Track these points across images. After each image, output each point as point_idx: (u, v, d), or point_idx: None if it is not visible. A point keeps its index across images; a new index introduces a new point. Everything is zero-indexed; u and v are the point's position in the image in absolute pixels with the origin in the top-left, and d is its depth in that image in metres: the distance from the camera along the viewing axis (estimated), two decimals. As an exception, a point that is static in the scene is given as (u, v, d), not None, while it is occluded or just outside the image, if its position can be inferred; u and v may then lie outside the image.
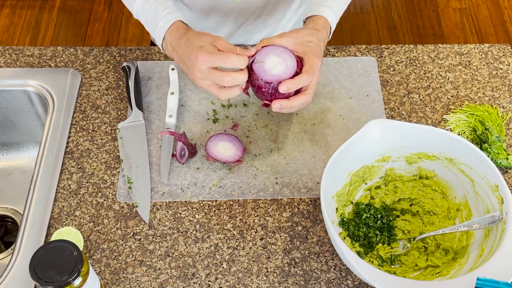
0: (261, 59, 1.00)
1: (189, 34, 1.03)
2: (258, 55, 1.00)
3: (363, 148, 1.02)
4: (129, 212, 1.07)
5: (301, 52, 1.01)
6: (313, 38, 1.03)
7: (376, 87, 1.24)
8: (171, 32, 1.05)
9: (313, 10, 1.10)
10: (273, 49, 1.01)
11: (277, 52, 1.00)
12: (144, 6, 1.09)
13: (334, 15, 1.10)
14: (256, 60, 1.00)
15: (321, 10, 1.09)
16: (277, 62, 1.00)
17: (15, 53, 1.29)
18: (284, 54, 1.00)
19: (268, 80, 0.99)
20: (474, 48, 1.31)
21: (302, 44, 1.01)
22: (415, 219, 1.05)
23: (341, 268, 1.01)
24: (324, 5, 1.09)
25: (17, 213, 1.33)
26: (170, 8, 1.08)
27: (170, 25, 1.05)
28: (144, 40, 2.63)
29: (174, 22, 1.06)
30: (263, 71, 0.99)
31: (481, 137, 1.13)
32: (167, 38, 1.06)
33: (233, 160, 1.11)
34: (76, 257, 0.84)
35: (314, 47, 1.02)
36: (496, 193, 0.95)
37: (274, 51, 1.00)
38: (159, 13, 1.07)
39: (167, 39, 1.06)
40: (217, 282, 0.99)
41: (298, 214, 1.07)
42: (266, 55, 1.00)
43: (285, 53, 1.00)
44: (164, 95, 1.22)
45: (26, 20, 2.68)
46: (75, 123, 1.18)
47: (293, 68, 0.99)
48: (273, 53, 1.00)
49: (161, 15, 1.06)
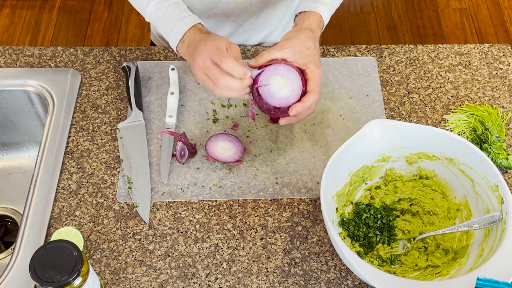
0: (266, 81, 0.99)
1: (210, 35, 1.06)
2: (262, 76, 1.00)
3: (363, 148, 1.02)
4: (129, 212, 1.07)
5: (302, 64, 1.02)
6: (311, 43, 1.04)
7: (376, 87, 1.24)
8: (191, 32, 1.07)
9: (308, 6, 1.10)
10: (276, 68, 1.00)
11: (280, 71, 1.00)
12: (160, 9, 1.11)
13: (328, 12, 1.11)
14: (261, 83, 0.99)
15: (316, 7, 1.10)
16: (282, 83, 1.00)
17: (15, 53, 1.29)
18: (288, 72, 1.00)
19: (276, 105, 1.00)
20: (474, 48, 1.31)
21: (301, 53, 1.02)
22: (415, 219, 1.05)
23: (341, 268, 1.01)
24: (318, 2, 1.10)
25: (17, 213, 1.33)
26: (186, 11, 1.11)
27: (191, 27, 1.08)
28: (144, 40, 2.63)
29: (195, 24, 1.09)
30: (270, 96, 1.00)
31: (481, 137, 1.13)
32: (185, 39, 1.08)
33: (233, 160, 1.11)
34: (76, 257, 0.84)
35: (313, 55, 1.03)
36: (496, 193, 0.95)
37: (277, 70, 1.00)
38: (176, 15, 1.09)
39: (185, 40, 1.08)
40: (217, 282, 0.99)
41: (298, 214, 1.07)
42: (270, 76, 1.00)
43: (289, 71, 1.00)
44: (164, 95, 1.22)
45: (26, 20, 2.68)
46: (75, 123, 1.18)
47: (299, 88, 1.00)
48: (277, 73, 1.00)
49: (179, 17, 1.09)
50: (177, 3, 1.12)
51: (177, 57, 1.29)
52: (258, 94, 1.00)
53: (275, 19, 1.34)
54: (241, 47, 1.31)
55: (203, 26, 1.10)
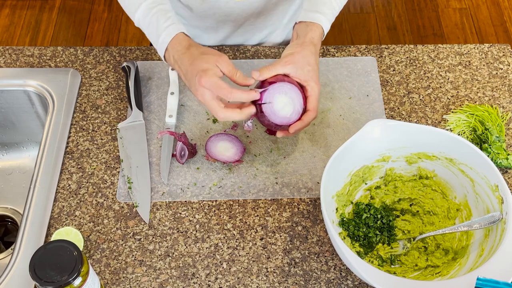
0: (270, 99, 1.01)
1: (192, 50, 1.04)
2: (267, 94, 1.01)
3: (363, 148, 1.02)
4: (129, 212, 1.07)
5: (303, 80, 1.04)
6: (313, 59, 1.05)
7: (376, 87, 1.24)
8: (173, 45, 1.06)
9: (309, 16, 1.10)
10: (281, 86, 1.02)
11: (284, 90, 1.02)
12: (146, 17, 1.09)
13: (328, 23, 1.12)
14: (265, 100, 1.01)
15: (318, 18, 1.10)
16: (285, 102, 1.02)
17: (15, 53, 1.29)
18: (291, 91, 1.02)
19: (278, 123, 1.03)
20: (474, 48, 1.31)
21: (303, 69, 1.04)
22: (415, 219, 1.05)
23: (341, 268, 1.01)
24: (319, 12, 1.10)
25: (17, 213, 1.33)
26: (171, 19, 1.08)
27: (172, 38, 1.06)
28: (144, 40, 2.62)
29: (176, 35, 1.06)
30: (273, 113, 1.02)
31: (481, 137, 1.13)
32: (170, 50, 1.06)
33: (233, 160, 1.11)
34: (76, 257, 0.84)
35: (314, 70, 1.05)
36: (496, 193, 0.95)
37: (281, 89, 1.02)
38: (161, 24, 1.07)
39: (170, 51, 1.06)
40: (217, 282, 0.99)
41: (298, 214, 1.07)
42: (274, 94, 1.01)
43: (292, 90, 1.02)
44: (164, 95, 1.22)
45: (26, 20, 2.68)
46: (75, 123, 1.18)
47: (301, 107, 1.03)
48: (281, 92, 1.02)
49: (162, 26, 1.07)
50: (162, 10, 1.09)
51: (177, 57, 1.29)
52: (261, 110, 1.02)
53: (275, 19, 1.34)
54: (241, 47, 1.31)
55: (185, 36, 1.07)
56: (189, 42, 1.06)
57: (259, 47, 1.31)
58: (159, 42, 1.07)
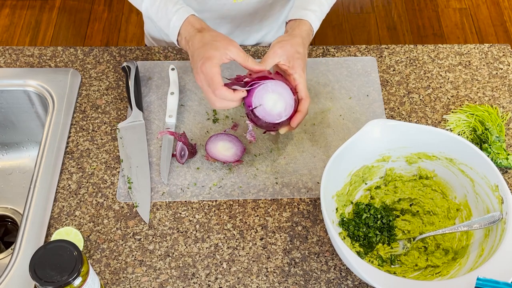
0: (259, 102, 1.02)
1: (204, 33, 1.05)
2: (254, 98, 1.01)
3: (363, 148, 1.02)
4: (129, 212, 1.07)
5: (290, 67, 1.05)
6: (301, 49, 1.06)
7: (376, 87, 1.24)
8: (185, 28, 1.07)
9: (297, 14, 1.11)
10: (265, 87, 1.02)
11: (269, 88, 1.02)
12: (153, 4, 1.10)
13: (317, 20, 1.12)
14: (255, 104, 1.01)
15: (305, 15, 1.11)
16: (275, 99, 1.02)
17: (15, 53, 1.29)
18: (277, 87, 1.02)
19: (276, 121, 1.03)
20: (474, 48, 1.31)
21: (292, 56, 1.05)
22: (415, 219, 1.05)
23: (341, 268, 1.01)
24: (308, 9, 1.11)
25: (17, 213, 1.33)
26: (180, 3, 1.09)
27: (184, 21, 1.07)
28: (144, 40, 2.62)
29: (187, 18, 1.07)
30: (267, 114, 1.02)
31: (481, 137, 1.13)
32: (182, 33, 1.08)
33: (233, 160, 1.11)
34: (76, 257, 0.84)
35: (302, 59, 1.06)
36: (496, 193, 0.95)
37: (266, 88, 1.02)
38: (170, 9, 1.08)
39: (182, 34, 1.08)
40: (217, 282, 0.99)
41: (298, 214, 1.07)
42: (262, 95, 1.02)
43: (277, 85, 1.02)
44: (164, 95, 1.22)
45: (26, 20, 2.68)
46: (75, 123, 1.18)
47: (291, 98, 1.03)
48: (267, 91, 1.02)
49: (172, 11, 1.08)
50: None
51: (177, 57, 1.29)
52: (254, 115, 1.02)
53: (271, 20, 1.34)
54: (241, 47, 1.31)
55: (196, 18, 1.09)
56: (201, 24, 1.08)
57: (259, 47, 1.31)
58: (171, 26, 1.08)
